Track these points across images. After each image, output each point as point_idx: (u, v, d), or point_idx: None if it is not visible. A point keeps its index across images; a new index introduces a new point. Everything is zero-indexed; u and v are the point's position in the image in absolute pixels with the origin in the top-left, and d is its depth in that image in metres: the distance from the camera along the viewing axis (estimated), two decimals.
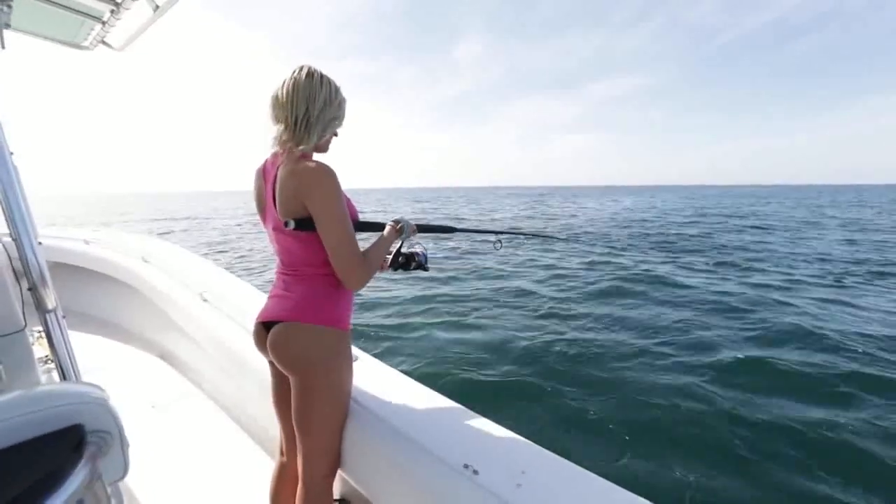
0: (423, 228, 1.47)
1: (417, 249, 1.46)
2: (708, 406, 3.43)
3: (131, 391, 2.46)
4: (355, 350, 1.64)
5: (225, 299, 2.20)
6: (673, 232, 16.56)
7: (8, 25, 1.38)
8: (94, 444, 0.52)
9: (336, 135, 1.23)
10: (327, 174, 1.09)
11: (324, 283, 1.18)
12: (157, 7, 1.49)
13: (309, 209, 1.10)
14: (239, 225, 22.78)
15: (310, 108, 1.11)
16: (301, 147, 1.12)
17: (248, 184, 1.32)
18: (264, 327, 1.23)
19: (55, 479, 0.46)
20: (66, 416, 0.51)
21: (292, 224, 1.13)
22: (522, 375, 4.00)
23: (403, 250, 1.43)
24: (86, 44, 1.96)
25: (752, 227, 18.71)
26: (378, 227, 1.35)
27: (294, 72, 1.13)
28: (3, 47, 1.39)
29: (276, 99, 1.13)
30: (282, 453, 1.39)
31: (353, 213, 1.24)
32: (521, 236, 2.24)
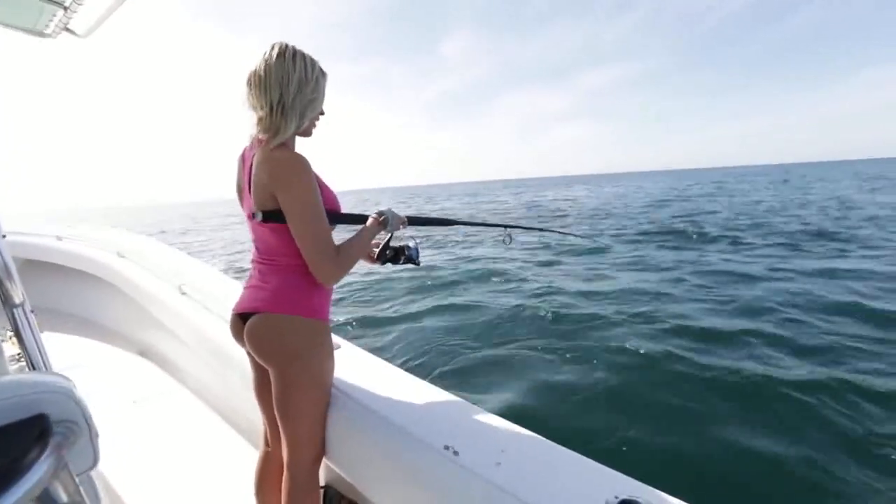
0: (416, 221, 1.42)
1: (409, 243, 1.40)
2: (684, 369, 3.60)
3: (111, 388, 2.42)
4: (337, 339, 1.63)
5: (203, 291, 2.17)
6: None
7: None
8: (60, 434, 0.52)
9: (323, 113, 1.18)
10: (297, 164, 1.06)
11: (300, 272, 1.16)
12: None
13: (279, 200, 1.07)
14: None
15: (283, 93, 1.05)
16: (279, 136, 1.08)
17: None
18: (241, 318, 1.21)
19: (18, 468, 0.45)
20: (30, 406, 0.50)
21: (260, 216, 1.12)
22: (499, 354, 4.12)
23: (392, 244, 1.38)
24: (48, 31, 1.87)
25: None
26: (361, 219, 1.30)
27: (265, 53, 1.07)
28: None
29: (249, 84, 1.08)
30: (266, 443, 1.39)
31: (333, 204, 1.21)
32: (536, 231, 2.11)
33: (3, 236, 1.15)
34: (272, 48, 1.07)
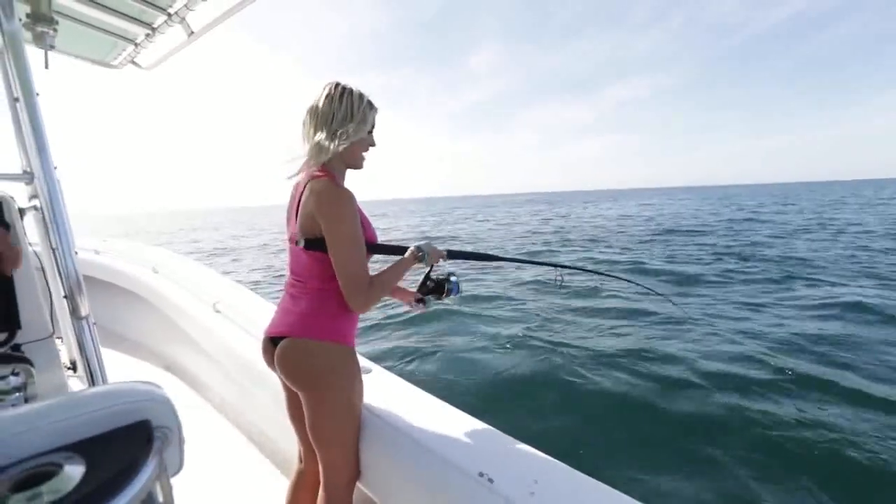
0: (456, 255, 1.41)
1: (450, 277, 1.40)
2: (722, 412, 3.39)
3: None
4: (368, 363, 1.68)
5: (237, 310, 2.24)
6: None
7: (52, 47, 1.46)
8: (160, 438, 0.57)
9: (373, 144, 1.26)
10: (343, 197, 1.13)
11: (329, 298, 1.21)
12: (192, 33, 1.57)
13: (322, 229, 1.14)
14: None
15: (327, 126, 1.17)
16: (318, 159, 1.17)
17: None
18: (271, 342, 1.26)
19: (131, 469, 0.51)
20: (136, 412, 0.56)
21: (302, 243, 1.19)
22: (532, 384, 3.99)
23: (433, 276, 1.39)
24: (115, 63, 2.05)
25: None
26: (400, 250, 1.34)
27: (318, 93, 1.20)
28: (47, 67, 1.47)
29: (304, 120, 1.21)
30: (300, 460, 1.43)
31: (372, 236, 1.28)
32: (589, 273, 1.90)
33: (76, 252, 1.25)
34: (324, 88, 1.20)
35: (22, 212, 1.46)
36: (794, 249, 11.62)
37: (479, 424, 1.29)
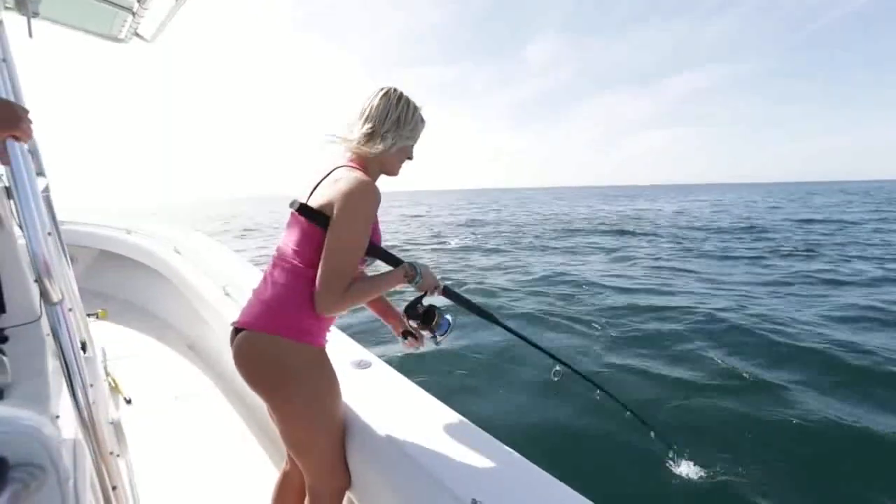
0: (452, 294, 1.25)
1: (446, 314, 1.22)
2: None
3: (157, 382, 2.50)
4: (369, 355, 1.55)
5: (246, 294, 2.18)
6: None
7: (36, 14, 1.37)
8: (19, 480, 0.45)
9: (410, 158, 1.21)
10: (369, 190, 1.05)
11: (303, 288, 1.06)
12: None
13: (334, 215, 1.03)
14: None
15: (378, 124, 1.11)
16: (366, 147, 1.11)
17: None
18: (236, 332, 1.12)
19: None
20: None
21: (297, 204, 1.09)
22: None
23: (426, 301, 1.21)
24: (121, 36, 1.98)
25: None
26: (394, 262, 1.19)
27: (373, 92, 1.15)
28: (31, 36, 1.38)
29: (355, 114, 1.15)
30: (287, 461, 1.33)
31: (376, 238, 1.16)
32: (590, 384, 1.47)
33: (49, 233, 1.17)
34: (380, 90, 1.14)
35: (8, 190, 1.40)
36: None
37: (480, 436, 1.14)
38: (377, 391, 1.32)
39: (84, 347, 1.78)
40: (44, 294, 1.12)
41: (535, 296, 6.86)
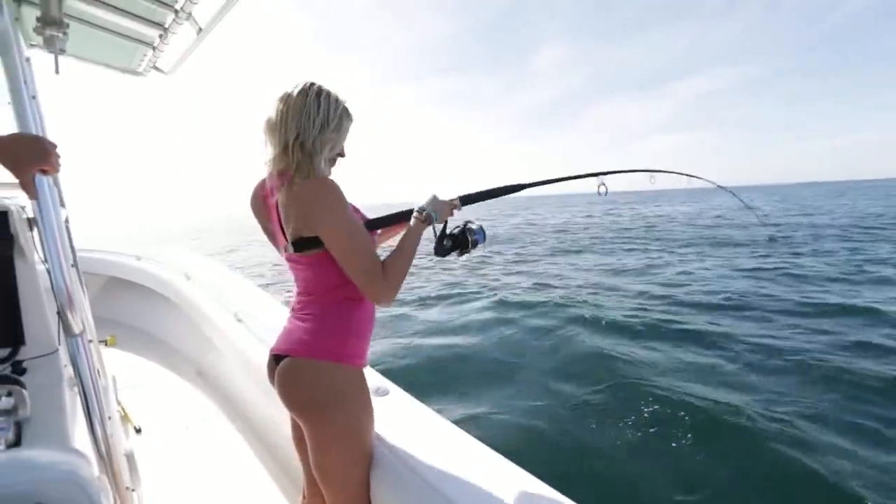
0: (471, 199, 1.21)
1: (470, 225, 1.19)
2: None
3: (166, 411, 2.47)
4: (386, 383, 1.53)
5: (258, 321, 2.17)
6: None
7: (63, 51, 1.41)
8: None
9: (343, 155, 1.11)
10: (326, 187, 1.00)
11: (338, 310, 1.08)
12: (201, 30, 1.50)
13: (315, 228, 1.00)
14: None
15: (301, 133, 1.00)
16: (301, 174, 1.00)
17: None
18: (275, 360, 1.13)
19: None
20: (24, 497, 0.42)
21: (291, 248, 1.05)
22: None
23: (449, 231, 1.19)
24: (140, 69, 2.04)
25: None
26: (402, 217, 1.16)
27: (288, 89, 1.02)
28: (58, 72, 1.42)
29: (267, 120, 1.04)
30: (304, 496, 1.29)
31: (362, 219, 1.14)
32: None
33: (73, 264, 1.18)
34: (296, 86, 1.02)
35: (32, 222, 1.42)
36: None
37: (505, 465, 1.11)
38: (397, 419, 1.29)
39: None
40: (65, 325, 1.12)
41: None
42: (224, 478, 1.93)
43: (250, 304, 2.45)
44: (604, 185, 1.41)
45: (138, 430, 2.23)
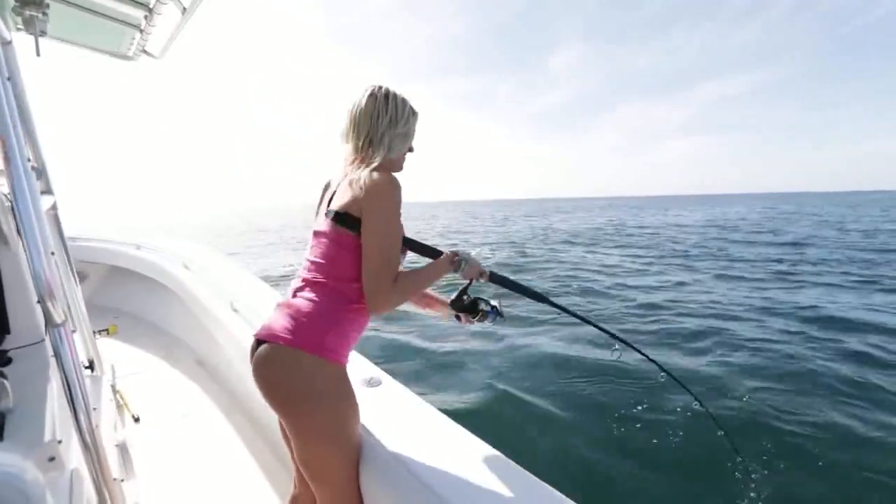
0: (498, 279, 1.26)
1: (491, 300, 1.25)
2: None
3: (165, 399, 2.47)
4: (379, 373, 1.50)
5: (253, 310, 2.15)
6: None
7: (43, 33, 1.37)
8: None
9: (411, 150, 1.20)
10: (391, 184, 1.06)
11: (334, 300, 1.06)
12: (185, 9, 1.45)
13: (363, 211, 1.04)
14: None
15: (372, 129, 1.11)
16: (368, 155, 1.11)
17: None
18: (258, 345, 1.09)
19: None
20: None
21: (332, 213, 1.08)
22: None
23: (471, 292, 1.24)
24: (129, 53, 1.99)
25: None
26: (433, 253, 1.21)
27: (361, 93, 1.13)
28: (38, 54, 1.38)
29: (346, 121, 1.15)
30: (294, 485, 1.28)
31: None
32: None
33: (52, 253, 1.14)
34: (366, 90, 1.13)
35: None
36: None
37: (498, 458, 1.07)
38: (389, 411, 1.27)
39: (91, 366, 1.76)
40: (46, 315, 1.09)
41: None
42: (222, 466, 1.93)
43: (248, 293, 2.44)
44: (617, 349, 1.40)
45: (136, 419, 2.23)
